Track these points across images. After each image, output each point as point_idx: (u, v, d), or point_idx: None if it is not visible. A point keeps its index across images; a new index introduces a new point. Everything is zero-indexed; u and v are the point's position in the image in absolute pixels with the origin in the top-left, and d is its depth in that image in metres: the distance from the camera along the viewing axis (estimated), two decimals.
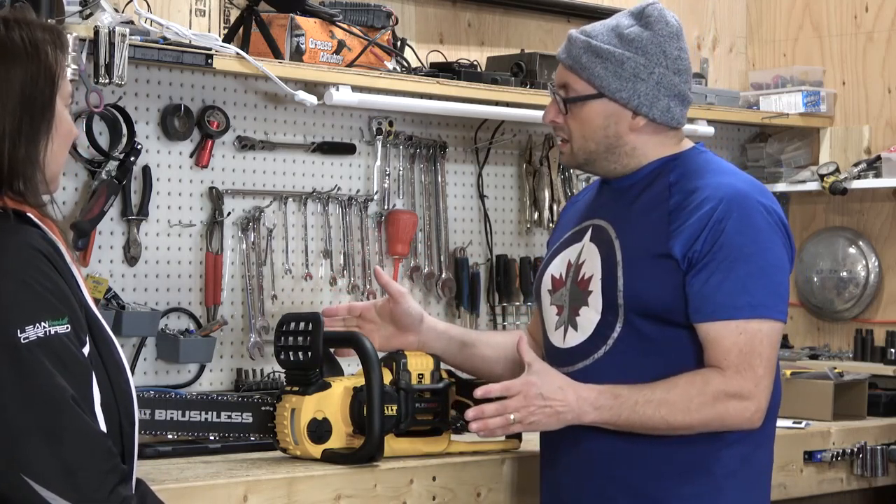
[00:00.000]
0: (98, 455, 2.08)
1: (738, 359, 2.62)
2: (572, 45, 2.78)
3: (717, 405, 2.62)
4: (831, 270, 4.80)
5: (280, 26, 3.60)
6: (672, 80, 2.77)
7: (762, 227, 2.68)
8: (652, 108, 2.76)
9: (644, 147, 2.79)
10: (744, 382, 2.63)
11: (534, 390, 2.67)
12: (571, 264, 2.83)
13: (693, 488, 2.69)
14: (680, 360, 2.68)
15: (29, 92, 2.19)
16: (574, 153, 2.82)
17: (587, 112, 2.78)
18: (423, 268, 4.08)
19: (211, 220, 3.65)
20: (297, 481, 2.78)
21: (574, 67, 2.77)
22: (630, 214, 2.78)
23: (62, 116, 2.25)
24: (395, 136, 4.01)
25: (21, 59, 2.19)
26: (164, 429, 2.82)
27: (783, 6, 4.98)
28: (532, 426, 2.72)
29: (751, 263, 2.65)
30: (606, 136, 2.78)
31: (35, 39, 2.21)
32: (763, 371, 2.64)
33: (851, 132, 4.77)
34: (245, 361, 3.70)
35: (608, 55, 2.74)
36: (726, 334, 2.63)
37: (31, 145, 2.19)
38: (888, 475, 3.94)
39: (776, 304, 2.67)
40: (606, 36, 2.76)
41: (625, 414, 2.64)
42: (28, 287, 2.10)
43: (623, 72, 2.74)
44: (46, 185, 2.24)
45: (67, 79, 2.28)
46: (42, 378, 2.07)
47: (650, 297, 2.69)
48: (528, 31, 4.43)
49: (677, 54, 2.78)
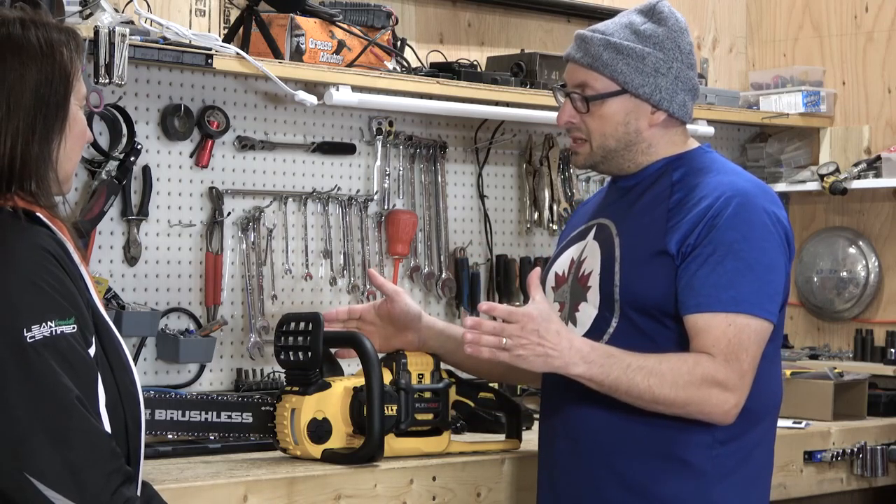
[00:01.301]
0: (102, 455, 2.09)
1: (727, 349, 2.62)
2: (589, 44, 2.78)
3: (702, 388, 2.61)
4: (831, 270, 4.80)
5: (280, 26, 3.60)
6: (687, 74, 2.80)
7: (757, 226, 2.67)
8: (671, 103, 2.78)
9: (657, 143, 2.81)
10: (730, 373, 2.62)
11: (531, 325, 2.61)
12: (574, 261, 2.85)
13: (687, 485, 2.69)
14: None
15: (43, 92, 2.21)
16: (593, 152, 2.82)
17: (607, 109, 2.78)
18: (423, 268, 4.08)
19: (211, 220, 3.65)
20: (297, 481, 2.79)
21: (595, 65, 2.77)
22: (632, 212, 2.79)
23: (76, 117, 2.27)
24: (395, 136, 4.01)
25: (37, 59, 2.21)
26: (164, 429, 2.82)
27: (783, 6, 4.98)
28: (519, 359, 2.63)
29: (740, 259, 2.64)
30: (627, 132, 2.78)
31: (51, 40, 2.23)
32: (748, 367, 2.64)
33: (851, 132, 4.77)
34: (245, 361, 3.70)
35: (629, 51, 2.75)
36: (715, 324, 2.63)
37: (44, 144, 2.21)
38: (888, 475, 3.94)
39: (762, 302, 2.65)
40: (623, 33, 2.77)
41: (614, 373, 2.62)
42: (36, 287, 2.11)
43: (644, 67, 2.75)
44: (59, 186, 2.26)
45: (82, 80, 2.29)
46: (48, 378, 2.07)
47: (646, 293, 2.69)
48: (528, 31, 4.43)
49: (689, 49, 2.82)
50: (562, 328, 2.66)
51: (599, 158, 2.82)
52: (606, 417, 2.72)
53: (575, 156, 2.87)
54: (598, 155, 2.82)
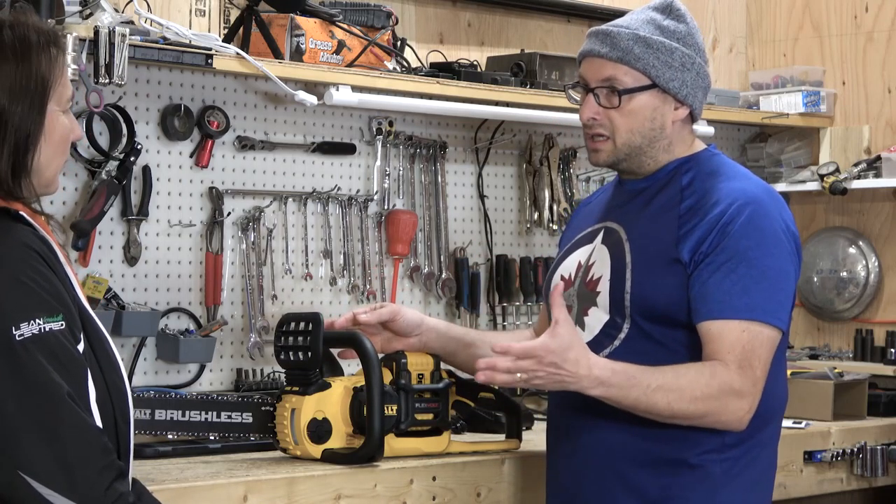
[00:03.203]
0: (95, 451, 2.08)
1: (741, 356, 2.61)
2: (617, 38, 2.75)
3: (719, 399, 2.61)
4: (831, 270, 4.80)
5: (280, 26, 3.60)
6: (706, 72, 2.81)
7: (769, 234, 2.67)
8: (694, 99, 2.79)
9: (676, 141, 2.80)
10: (745, 381, 2.61)
11: (549, 358, 2.55)
12: (581, 265, 2.83)
13: (695, 488, 2.69)
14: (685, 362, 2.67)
15: (15, 98, 2.16)
16: (617, 149, 2.78)
17: (636, 104, 2.76)
18: (423, 268, 4.08)
19: (211, 220, 3.65)
20: (297, 481, 2.79)
21: (626, 59, 2.74)
22: (642, 217, 2.77)
23: (55, 123, 2.22)
24: (395, 136, 4.01)
25: (8, 62, 2.16)
26: (164, 429, 2.82)
27: (783, 6, 4.98)
28: (534, 385, 2.64)
29: (753, 267, 2.64)
30: (652, 128, 2.77)
31: (26, 42, 2.17)
32: (760, 374, 2.63)
33: (851, 132, 4.77)
34: (245, 361, 3.70)
35: (659, 45, 2.74)
36: (729, 331, 2.62)
37: (18, 154, 2.16)
38: (888, 475, 3.94)
39: (775, 310, 2.65)
40: (648, 28, 2.76)
41: (633, 395, 2.59)
42: (22, 285, 2.10)
43: (673, 62, 2.75)
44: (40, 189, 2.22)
45: (66, 82, 2.24)
46: (37, 375, 2.07)
47: (657, 300, 2.68)
48: (528, 31, 4.43)
49: (703, 47, 2.83)
50: (581, 354, 2.58)
51: (623, 156, 2.79)
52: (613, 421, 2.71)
53: (595, 153, 2.81)
54: (623, 152, 2.78)
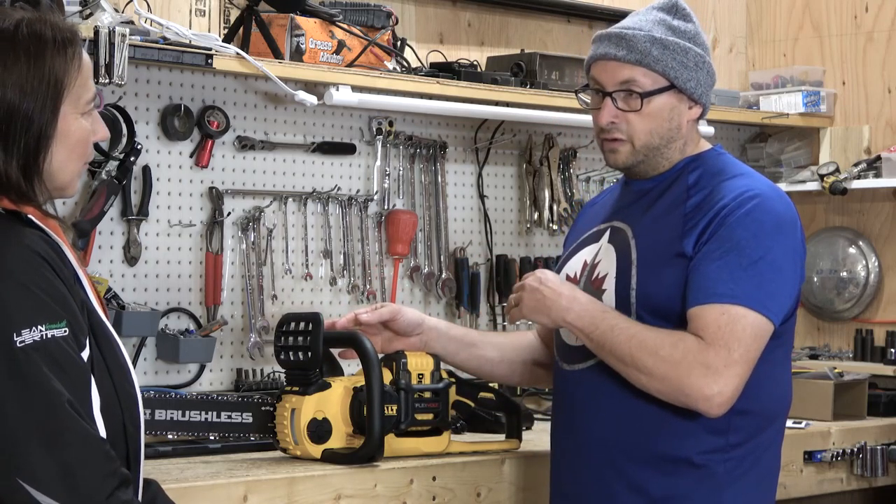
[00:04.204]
0: (96, 458, 2.06)
1: (715, 333, 2.59)
2: (633, 41, 2.74)
3: (682, 364, 2.58)
4: (831, 270, 4.80)
5: (280, 26, 3.60)
6: (713, 70, 2.82)
7: (768, 226, 2.66)
8: (707, 98, 2.81)
9: (689, 140, 2.81)
10: (715, 357, 2.58)
11: (534, 277, 2.77)
12: (587, 264, 2.83)
13: (698, 489, 2.68)
14: None
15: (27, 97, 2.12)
16: (635, 150, 2.78)
17: (654, 106, 2.76)
18: (423, 268, 4.08)
19: (211, 220, 3.65)
20: (297, 481, 2.79)
21: (644, 61, 2.74)
22: (648, 215, 2.78)
23: (71, 125, 2.17)
24: (395, 136, 4.01)
25: (21, 60, 2.12)
26: (164, 429, 2.82)
27: (783, 6, 4.98)
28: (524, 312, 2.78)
29: (744, 256, 2.62)
30: (670, 128, 2.77)
31: (42, 41, 2.14)
32: (738, 357, 2.59)
33: (851, 132, 4.77)
34: (245, 361, 3.70)
35: (675, 46, 2.75)
36: (707, 313, 2.61)
37: (29, 157, 2.14)
38: (888, 475, 3.94)
39: (761, 298, 2.62)
40: (660, 29, 2.76)
41: (601, 328, 2.66)
42: (26, 290, 2.07)
43: (688, 61, 2.76)
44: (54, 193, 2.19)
45: (84, 83, 2.19)
46: (38, 382, 2.04)
47: (661, 296, 2.68)
48: (528, 31, 4.43)
49: (709, 45, 2.85)
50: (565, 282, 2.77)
51: (642, 157, 2.78)
52: (616, 419, 2.71)
53: (613, 154, 2.79)
54: (641, 154, 2.78)
